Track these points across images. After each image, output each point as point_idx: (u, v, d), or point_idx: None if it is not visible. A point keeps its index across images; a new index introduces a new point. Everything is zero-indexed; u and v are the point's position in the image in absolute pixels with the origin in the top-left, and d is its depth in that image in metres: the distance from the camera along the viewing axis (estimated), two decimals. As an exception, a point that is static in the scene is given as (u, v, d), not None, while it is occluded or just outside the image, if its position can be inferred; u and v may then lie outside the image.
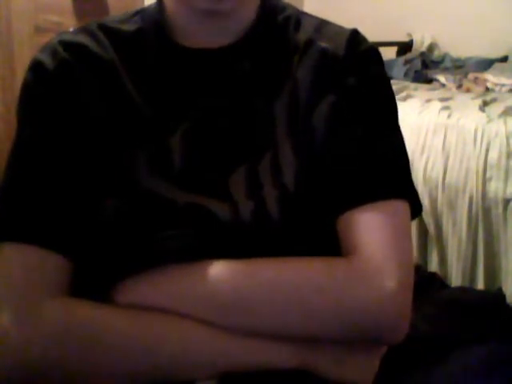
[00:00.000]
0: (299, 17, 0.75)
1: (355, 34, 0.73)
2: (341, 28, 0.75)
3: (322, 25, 0.75)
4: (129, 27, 0.73)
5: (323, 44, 0.72)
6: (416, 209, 0.70)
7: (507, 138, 1.85)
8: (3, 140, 2.09)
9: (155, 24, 0.73)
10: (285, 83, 0.70)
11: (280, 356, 0.62)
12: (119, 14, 0.77)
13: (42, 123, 0.68)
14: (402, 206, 0.67)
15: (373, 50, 0.73)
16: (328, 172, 0.67)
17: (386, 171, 0.68)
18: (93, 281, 0.66)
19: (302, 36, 0.73)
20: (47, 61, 0.69)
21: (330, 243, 0.66)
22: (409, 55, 3.14)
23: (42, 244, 0.64)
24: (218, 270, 0.62)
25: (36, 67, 0.70)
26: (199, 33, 0.71)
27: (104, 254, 0.66)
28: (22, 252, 0.64)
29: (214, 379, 0.61)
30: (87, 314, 0.62)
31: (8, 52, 2.15)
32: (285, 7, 0.76)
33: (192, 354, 0.61)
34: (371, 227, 0.64)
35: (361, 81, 0.70)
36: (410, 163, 0.72)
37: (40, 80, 0.69)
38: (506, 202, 1.83)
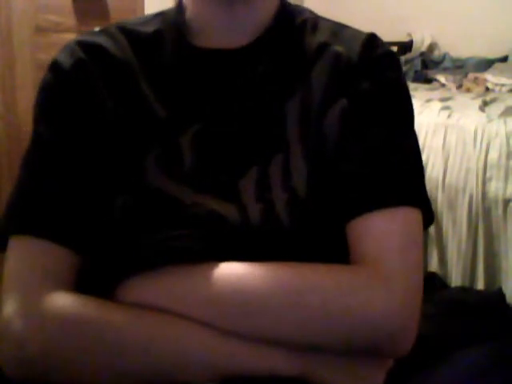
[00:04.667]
0: (316, 20, 0.75)
1: (371, 38, 0.72)
2: (358, 32, 0.74)
3: (339, 28, 0.74)
4: (147, 29, 0.74)
5: (338, 48, 0.71)
6: (428, 218, 0.69)
7: (507, 138, 1.85)
8: (3, 140, 2.09)
9: (173, 25, 0.73)
10: (298, 86, 0.70)
11: (281, 362, 0.61)
12: (120, 15, 0.78)
13: (56, 121, 0.69)
14: (413, 214, 0.66)
15: (389, 54, 0.72)
16: (339, 176, 0.66)
17: (399, 177, 0.66)
18: (98, 278, 0.66)
19: (318, 39, 0.72)
20: (64, 60, 0.70)
21: (339, 248, 0.66)
22: (409, 55, 3.14)
23: (48, 237, 0.65)
24: (221, 272, 0.62)
25: (53, 67, 0.71)
26: (216, 33, 0.71)
27: (111, 252, 0.66)
28: (29, 245, 0.65)
29: (214, 382, 0.61)
30: (88, 309, 0.62)
31: (8, 52, 2.15)
32: (303, 11, 0.76)
33: (192, 355, 0.61)
34: (381, 235, 0.63)
35: (374, 85, 0.69)
36: (423, 167, 0.70)
37: (56, 79, 0.70)
38: (506, 202, 1.83)
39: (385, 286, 0.61)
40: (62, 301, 0.62)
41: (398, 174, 0.66)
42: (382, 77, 0.70)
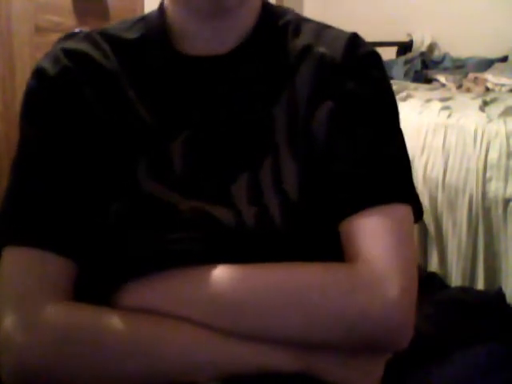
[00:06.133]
0: (299, 22, 0.75)
1: (354, 38, 0.72)
2: (340, 32, 0.74)
3: (321, 30, 0.74)
4: (131, 35, 0.73)
5: (321, 49, 0.71)
6: (418, 213, 0.69)
7: (507, 138, 1.85)
8: (3, 140, 2.09)
9: (157, 31, 0.73)
10: (284, 90, 0.70)
11: (282, 359, 0.61)
12: (120, 15, 0.78)
13: (43, 128, 0.68)
14: (404, 210, 0.66)
15: (372, 54, 0.72)
16: (329, 177, 0.67)
17: (388, 175, 0.67)
18: (96, 284, 0.66)
19: (301, 42, 0.72)
20: (49, 67, 0.70)
21: (334, 248, 0.66)
22: (409, 55, 3.14)
23: (43, 247, 0.64)
24: (220, 274, 0.62)
25: (38, 74, 0.70)
26: (200, 39, 0.71)
27: (107, 258, 0.66)
28: (24, 255, 0.64)
29: (215, 382, 0.61)
30: (87, 318, 0.62)
31: (8, 52, 2.15)
32: (285, 12, 0.76)
33: (193, 357, 0.61)
34: (374, 233, 0.64)
35: (359, 85, 0.69)
36: (410, 163, 0.71)
37: (42, 86, 0.70)
38: (506, 202, 1.82)
39: (382, 283, 0.61)
40: (61, 311, 0.62)
41: (386, 172, 0.67)
42: (366, 76, 0.70)
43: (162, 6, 0.74)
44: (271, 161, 0.67)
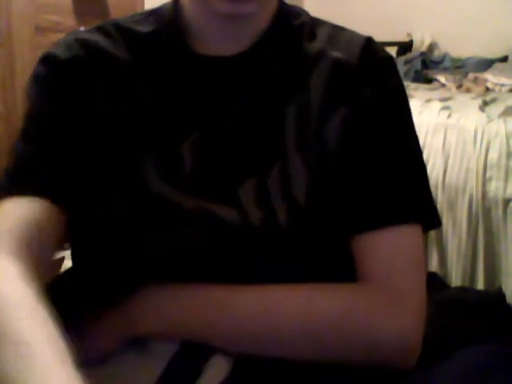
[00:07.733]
0: (313, 25, 0.74)
1: (369, 43, 0.71)
2: (355, 35, 0.72)
3: (335, 32, 0.73)
4: (143, 28, 0.72)
5: (336, 54, 0.70)
6: (436, 222, 0.69)
7: (507, 138, 1.85)
8: (3, 140, 2.09)
9: (170, 27, 0.71)
10: (296, 94, 0.69)
11: None
12: (120, 15, 0.77)
13: (51, 110, 0.67)
14: (418, 231, 0.66)
15: (388, 59, 0.71)
16: (341, 186, 0.66)
17: (404, 191, 0.66)
18: (96, 283, 0.66)
19: (315, 45, 0.71)
20: (60, 53, 0.69)
21: (339, 254, 0.66)
22: (409, 55, 3.14)
23: (23, 193, 0.62)
24: (231, 295, 0.62)
25: (47, 59, 0.69)
26: (215, 38, 0.70)
27: (111, 256, 0.65)
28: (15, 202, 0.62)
29: (227, 358, 0.62)
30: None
31: (8, 52, 2.15)
32: (300, 13, 0.75)
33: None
34: (390, 254, 0.64)
35: (376, 92, 0.68)
36: (427, 173, 0.70)
37: (52, 69, 0.69)
38: (506, 202, 1.82)
39: (398, 307, 0.62)
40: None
41: (402, 187, 0.66)
42: (383, 84, 0.69)
43: (177, 1, 0.73)
44: (280, 165, 0.66)
